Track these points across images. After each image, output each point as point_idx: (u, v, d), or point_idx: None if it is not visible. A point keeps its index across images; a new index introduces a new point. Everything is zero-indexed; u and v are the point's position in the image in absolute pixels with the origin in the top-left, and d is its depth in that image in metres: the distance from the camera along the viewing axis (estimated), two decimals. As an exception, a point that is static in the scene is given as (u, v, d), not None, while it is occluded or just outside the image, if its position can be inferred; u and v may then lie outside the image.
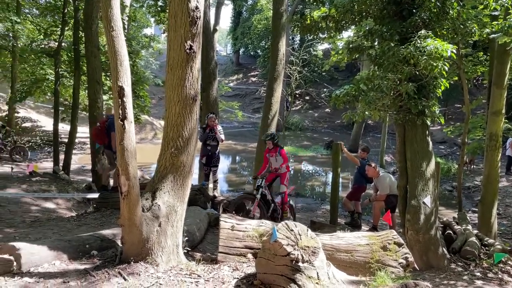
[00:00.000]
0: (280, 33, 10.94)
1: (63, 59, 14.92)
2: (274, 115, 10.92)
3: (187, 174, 4.12)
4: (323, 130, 31.05)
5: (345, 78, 33.58)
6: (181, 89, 3.98)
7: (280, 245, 3.21)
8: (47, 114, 22.84)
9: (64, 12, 13.27)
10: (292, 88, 14.64)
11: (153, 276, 3.43)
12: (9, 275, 3.37)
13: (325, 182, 17.61)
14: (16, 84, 18.71)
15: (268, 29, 34.56)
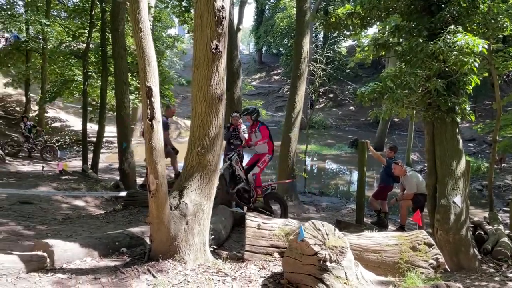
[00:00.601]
0: (304, 31, 10.88)
1: (90, 60, 15.26)
2: (297, 113, 10.87)
3: (213, 173, 4.15)
4: (347, 128, 30.71)
5: (370, 75, 33.10)
6: (207, 88, 4.00)
7: (307, 244, 3.19)
8: (76, 114, 23.43)
9: (92, 14, 13.56)
10: (316, 86, 14.53)
11: (181, 273, 3.47)
12: (42, 271, 3.48)
13: (349, 181, 17.42)
14: (46, 85, 19.27)
15: (291, 27, 34.42)
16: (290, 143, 10.81)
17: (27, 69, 19.48)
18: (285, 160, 10.86)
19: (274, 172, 17.56)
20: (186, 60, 36.87)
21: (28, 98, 20.51)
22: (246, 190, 7.05)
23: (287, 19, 35.66)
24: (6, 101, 23.02)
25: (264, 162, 7.27)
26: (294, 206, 10.47)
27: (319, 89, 15.07)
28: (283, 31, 37.25)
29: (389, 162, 8.44)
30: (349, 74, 31.54)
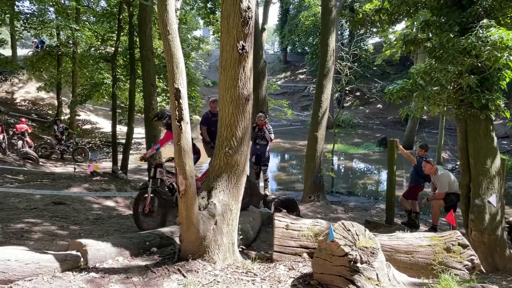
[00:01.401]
0: (330, 29, 10.77)
1: (119, 63, 15.59)
2: (324, 112, 10.77)
3: (241, 173, 4.16)
4: (375, 126, 30.21)
5: (398, 72, 32.43)
6: (234, 89, 4.01)
7: (337, 245, 3.15)
8: (105, 117, 24.00)
9: (120, 18, 13.84)
10: (342, 84, 14.35)
11: (210, 273, 3.49)
12: (77, 270, 3.57)
13: (378, 180, 17.13)
14: (76, 89, 19.83)
15: (316, 26, 34.14)
16: (316, 142, 10.72)
17: (59, 73, 20.10)
18: (312, 160, 10.77)
19: (300, 171, 17.50)
20: (211, 61, 37.17)
21: (60, 101, 21.15)
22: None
23: (312, 17, 35.39)
24: (39, 104, 23.81)
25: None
26: (321, 206, 10.38)
27: (345, 88, 14.87)
28: (308, 30, 36.97)
29: (419, 161, 8.24)
30: (376, 72, 31.03)
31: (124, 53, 15.77)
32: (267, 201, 8.32)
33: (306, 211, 9.56)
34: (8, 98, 22.97)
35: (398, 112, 6.75)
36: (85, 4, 19.79)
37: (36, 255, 3.48)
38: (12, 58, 24.20)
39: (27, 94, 24.03)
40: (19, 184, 10.13)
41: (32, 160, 13.88)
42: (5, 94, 23.29)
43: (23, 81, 24.58)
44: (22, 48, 31.98)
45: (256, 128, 8.80)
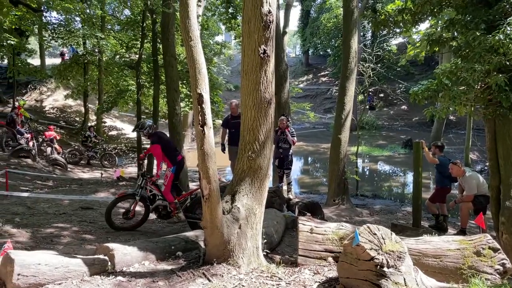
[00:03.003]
0: (352, 30, 10.68)
1: (143, 70, 15.86)
2: (347, 114, 10.66)
3: (264, 177, 4.16)
4: (399, 128, 29.71)
5: (422, 72, 31.85)
6: (256, 93, 4.03)
7: (363, 249, 3.10)
8: (130, 122, 24.45)
9: (143, 26, 14.10)
10: (365, 86, 14.19)
11: (235, 277, 3.50)
12: (104, 274, 3.64)
13: (404, 183, 16.82)
14: (102, 96, 20.29)
15: (338, 28, 33.92)
16: (340, 145, 10.61)
17: (85, 81, 20.63)
18: (336, 163, 10.67)
19: (324, 174, 17.35)
20: (233, 66, 37.41)
21: (87, 108, 21.68)
22: (164, 207, 6.64)
23: (334, 19, 35.18)
24: (67, 112, 24.48)
25: (166, 178, 6.70)
26: (346, 209, 10.26)
27: (369, 89, 14.69)
28: (329, 32, 36.78)
29: (442, 160, 8.04)
30: (400, 73, 30.53)
31: (148, 60, 16.04)
32: (290, 204, 8.28)
33: (331, 215, 9.47)
34: (37, 106, 23.70)
35: (423, 113, 6.62)
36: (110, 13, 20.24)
37: (65, 259, 3.56)
38: (40, 67, 25.00)
39: (55, 102, 24.76)
40: (48, 189, 10.42)
41: (60, 166, 14.25)
42: (35, 102, 24.05)
43: (51, 89, 25.34)
44: (50, 57, 32.98)
45: (279, 131, 8.78)
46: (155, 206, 6.61)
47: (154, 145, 6.61)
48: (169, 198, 6.61)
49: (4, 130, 14.43)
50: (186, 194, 6.82)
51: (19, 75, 21.00)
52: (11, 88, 22.53)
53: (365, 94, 19.05)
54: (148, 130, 6.68)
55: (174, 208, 6.59)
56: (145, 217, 6.71)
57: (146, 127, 6.71)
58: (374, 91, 26.45)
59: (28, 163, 13.06)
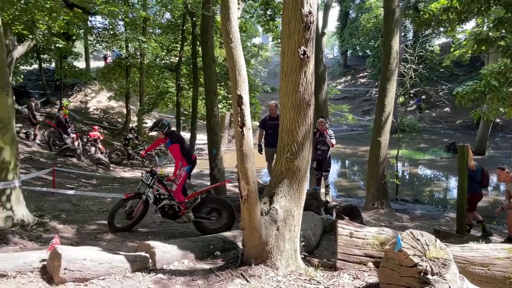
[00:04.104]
0: (393, 31, 10.41)
1: (182, 72, 16.20)
2: (387, 116, 10.40)
3: (302, 179, 4.13)
4: (442, 131, 28.71)
5: (467, 73, 30.62)
6: (295, 94, 4.01)
7: (405, 255, 3.01)
8: (169, 124, 24.97)
9: (183, 29, 14.40)
10: (406, 87, 13.81)
11: (273, 279, 3.48)
12: (145, 271, 3.73)
13: (446, 188, 16.21)
14: (143, 97, 20.87)
15: (378, 28, 33.28)
16: (380, 148, 10.37)
17: (127, 83, 21.30)
18: (375, 166, 10.43)
19: (362, 178, 17.02)
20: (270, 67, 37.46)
21: (129, 109, 22.38)
22: (171, 206, 6.49)
23: (374, 19, 34.55)
24: (110, 113, 25.36)
25: (180, 177, 6.49)
26: (385, 214, 10.01)
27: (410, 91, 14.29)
28: (369, 32, 36.15)
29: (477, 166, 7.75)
30: (443, 74, 29.51)
31: (187, 63, 16.36)
32: (328, 207, 8.18)
33: (369, 219, 9.27)
34: (82, 107, 24.71)
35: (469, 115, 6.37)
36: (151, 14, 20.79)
37: (109, 255, 3.68)
38: (85, 70, 26.07)
39: (99, 103, 25.72)
40: (92, 188, 10.82)
41: (103, 165, 14.77)
42: (80, 104, 25.08)
43: (95, 91, 26.35)
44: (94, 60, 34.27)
45: (317, 133, 8.70)
46: (161, 206, 6.46)
47: (174, 144, 6.48)
48: (180, 198, 6.47)
49: (52, 130, 15.11)
50: (195, 193, 6.73)
51: (65, 77, 22.03)
52: (58, 90, 23.66)
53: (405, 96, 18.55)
54: (167, 129, 6.57)
55: (185, 207, 6.43)
56: (142, 216, 6.48)
57: (166, 125, 6.58)
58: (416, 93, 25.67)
59: (74, 162, 13.63)
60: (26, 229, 5.49)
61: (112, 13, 13.09)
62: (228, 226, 6.48)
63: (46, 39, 14.50)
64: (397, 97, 18.09)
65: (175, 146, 6.44)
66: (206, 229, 6.45)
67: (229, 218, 6.57)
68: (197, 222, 6.47)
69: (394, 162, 13.53)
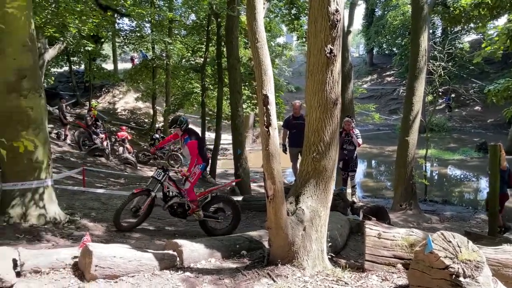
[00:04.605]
0: (421, 28, 10.18)
1: (207, 73, 16.33)
2: (415, 116, 10.18)
3: (329, 179, 4.09)
4: (472, 130, 27.89)
5: (499, 71, 29.64)
6: (321, 93, 3.97)
7: (436, 257, 2.94)
8: (194, 124, 25.17)
9: (208, 30, 14.52)
10: (435, 85, 13.49)
11: (300, 279, 3.47)
12: (173, 269, 3.78)
13: (477, 188, 15.75)
14: (169, 98, 21.16)
15: (405, 25, 32.68)
16: (408, 148, 10.16)
17: (154, 84, 21.64)
18: (403, 166, 10.23)
19: (389, 178, 16.73)
20: (294, 67, 37.34)
21: (155, 110, 22.73)
22: (180, 204, 6.33)
23: (401, 17, 33.93)
24: (137, 114, 25.83)
25: (194, 175, 6.32)
26: (413, 215, 9.80)
27: (439, 89, 13.93)
28: (396, 30, 35.52)
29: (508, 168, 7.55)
30: (473, 71, 28.66)
31: (212, 63, 16.48)
32: (355, 208, 8.07)
33: (397, 220, 9.10)
34: (110, 108, 25.26)
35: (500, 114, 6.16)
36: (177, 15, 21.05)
37: (138, 253, 3.74)
38: (113, 71, 26.64)
39: (126, 104, 26.24)
40: (120, 186, 11.04)
41: (131, 165, 15.06)
42: (108, 105, 25.66)
43: (123, 92, 26.89)
44: (122, 62, 35.00)
45: (343, 133, 8.61)
46: (170, 204, 6.31)
47: (193, 141, 6.30)
48: (192, 196, 6.31)
49: (81, 130, 15.52)
50: (206, 192, 6.63)
51: (94, 79, 22.58)
52: (88, 91, 24.27)
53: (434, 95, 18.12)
54: (185, 125, 6.40)
55: (196, 206, 6.28)
56: (148, 214, 6.32)
57: (184, 122, 6.41)
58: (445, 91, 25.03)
59: (102, 162, 13.95)
60: (58, 227, 5.64)
61: (139, 15, 13.34)
62: (233, 227, 6.43)
63: (76, 41, 14.89)
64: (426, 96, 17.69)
65: (194, 142, 6.30)
66: (211, 228, 6.37)
67: (234, 218, 6.51)
68: (203, 221, 6.35)
69: (422, 162, 13.23)
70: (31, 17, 5.65)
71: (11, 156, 5.27)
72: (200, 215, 6.30)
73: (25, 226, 5.33)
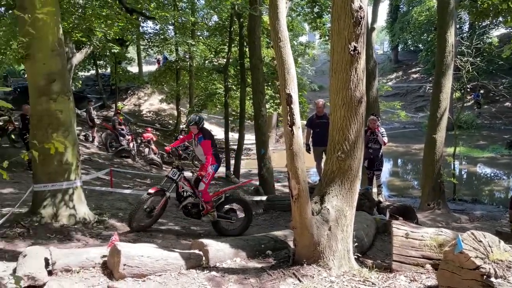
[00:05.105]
0: (447, 23, 9.93)
1: (230, 73, 16.39)
2: (443, 112, 9.95)
3: (354, 178, 4.05)
4: (502, 127, 26.98)
5: (529, 65, 28.64)
6: (345, 92, 3.94)
7: (467, 257, 2.87)
8: (218, 124, 25.41)
9: (231, 31, 14.58)
10: (463, 81, 13.13)
11: (326, 279, 3.44)
12: (199, 268, 3.82)
13: (508, 187, 15.26)
14: (193, 99, 21.37)
15: (431, 21, 31.94)
16: (435, 145, 9.92)
17: (178, 86, 21.89)
18: (431, 165, 9.99)
19: (416, 177, 16.41)
20: (317, 66, 37.05)
21: (179, 111, 22.99)
22: (195, 205, 6.20)
23: (426, 12, 33.20)
24: (161, 115, 26.20)
25: (208, 175, 6.16)
26: (442, 214, 9.57)
27: (467, 85, 13.56)
28: (421, 26, 34.75)
29: None
30: (503, 66, 27.70)
31: (235, 64, 16.55)
32: (381, 207, 7.95)
33: (425, 220, 8.91)
34: (136, 110, 25.70)
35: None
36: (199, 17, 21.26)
37: (165, 252, 3.80)
38: (138, 74, 27.11)
39: (151, 106, 26.64)
40: (146, 187, 11.21)
41: (156, 166, 15.28)
42: (133, 107, 26.12)
43: (148, 94, 27.31)
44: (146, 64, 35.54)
45: (368, 131, 8.48)
46: (184, 204, 6.20)
47: (207, 140, 6.16)
48: (207, 196, 6.18)
49: (108, 132, 15.84)
50: (220, 192, 6.52)
51: (120, 82, 23.03)
52: (114, 94, 24.78)
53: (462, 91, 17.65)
54: (202, 124, 6.28)
55: (211, 206, 6.15)
56: (161, 214, 6.21)
57: (202, 120, 6.28)
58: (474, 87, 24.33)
59: (129, 163, 14.21)
60: (88, 227, 5.78)
61: (163, 18, 13.53)
62: (244, 228, 6.37)
63: (102, 45, 15.22)
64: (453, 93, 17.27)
65: (208, 142, 6.17)
66: (223, 229, 6.28)
67: (246, 218, 6.43)
68: (216, 222, 6.27)
69: (450, 160, 12.92)
70: (59, 23, 5.82)
71: (42, 158, 5.41)
72: (215, 216, 6.22)
73: (56, 226, 5.49)
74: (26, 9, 5.04)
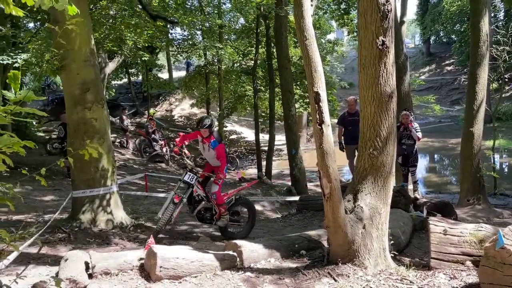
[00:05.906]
0: (481, 11, 9.58)
1: (258, 75, 16.42)
2: (480, 104, 9.59)
3: (387, 175, 3.97)
4: (544, 117, 25.76)
5: None
6: (375, 87, 3.88)
7: (508, 252, 2.76)
8: (248, 126, 25.55)
9: (257, 32, 14.62)
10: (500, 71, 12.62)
11: (362, 279, 3.39)
12: (234, 269, 3.84)
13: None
14: (223, 102, 21.56)
15: (463, 11, 30.88)
16: (473, 139, 9.57)
17: (207, 90, 22.14)
18: (469, 158, 9.65)
19: (454, 172, 15.88)
20: (347, 63, 36.52)
21: (209, 115, 23.24)
22: (208, 209, 5.96)
23: (458, 2, 32.13)
24: (193, 119, 26.57)
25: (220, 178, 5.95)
26: (482, 209, 9.22)
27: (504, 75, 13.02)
28: (453, 16, 33.67)
29: None
30: (543, 53, 26.54)
31: (262, 65, 16.57)
32: (417, 204, 7.74)
33: (464, 216, 8.61)
34: (168, 116, 26.22)
35: None
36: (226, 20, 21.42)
37: (200, 254, 3.85)
38: (169, 80, 27.64)
39: (182, 110, 27.10)
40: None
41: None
42: (165, 112, 26.66)
43: (179, 99, 27.81)
44: (176, 70, 36.16)
45: (401, 127, 8.29)
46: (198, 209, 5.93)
47: (221, 144, 6.01)
48: (221, 199, 5.95)
49: (142, 138, 16.22)
50: (229, 194, 6.29)
51: (151, 88, 23.54)
52: (146, 101, 25.36)
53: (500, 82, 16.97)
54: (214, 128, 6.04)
55: (225, 209, 5.93)
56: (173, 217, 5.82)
57: (214, 124, 6.04)
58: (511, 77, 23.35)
59: (163, 167, 14.50)
60: (125, 231, 5.94)
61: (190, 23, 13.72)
62: (249, 229, 6.22)
63: (133, 53, 15.60)
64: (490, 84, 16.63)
65: (222, 146, 6.02)
66: (229, 233, 6.08)
67: (250, 220, 6.28)
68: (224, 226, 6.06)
69: (490, 153, 12.43)
70: (91, 34, 6.01)
71: (79, 165, 5.60)
72: (227, 219, 6.01)
73: (95, 230, 5.66)
74: (59, 22, 5.23)
